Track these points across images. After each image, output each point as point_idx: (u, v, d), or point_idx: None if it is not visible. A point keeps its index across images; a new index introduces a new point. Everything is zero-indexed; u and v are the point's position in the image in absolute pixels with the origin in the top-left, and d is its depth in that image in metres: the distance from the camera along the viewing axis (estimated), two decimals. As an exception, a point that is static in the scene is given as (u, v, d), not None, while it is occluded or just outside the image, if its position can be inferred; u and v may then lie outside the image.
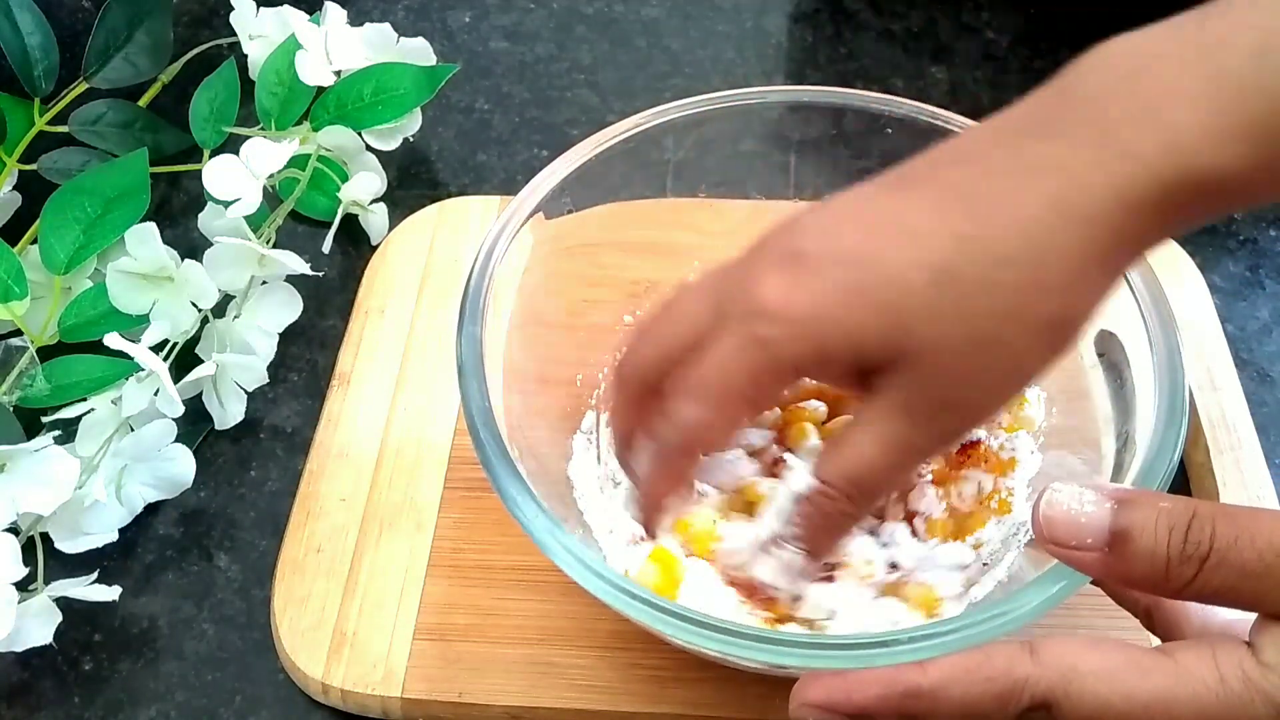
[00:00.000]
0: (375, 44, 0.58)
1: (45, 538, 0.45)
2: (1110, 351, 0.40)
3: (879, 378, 0.33)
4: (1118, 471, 0.37)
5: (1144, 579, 0.29)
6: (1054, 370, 0.43)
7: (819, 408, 0.44)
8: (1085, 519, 0.29)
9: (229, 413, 0.50)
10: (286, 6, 0.58)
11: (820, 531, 0.36)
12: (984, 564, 0.40)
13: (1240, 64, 0.30)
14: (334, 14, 0.57)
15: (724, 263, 0.37)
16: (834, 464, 0.35)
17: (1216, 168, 0.30)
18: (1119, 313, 0.39)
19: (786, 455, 0.42)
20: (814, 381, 0.43)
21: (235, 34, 0.60)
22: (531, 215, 0.43)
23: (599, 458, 0.45)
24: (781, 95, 0.47)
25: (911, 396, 0.33)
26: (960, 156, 0.34)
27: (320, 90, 0.56)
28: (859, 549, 0.39)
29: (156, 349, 0.46)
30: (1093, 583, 0.32)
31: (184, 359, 0.48)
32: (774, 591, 0.38)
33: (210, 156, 0.54)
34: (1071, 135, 0.31)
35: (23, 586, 0.42)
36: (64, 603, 0.43)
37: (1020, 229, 0.31)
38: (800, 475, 0.38)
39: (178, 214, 0.59)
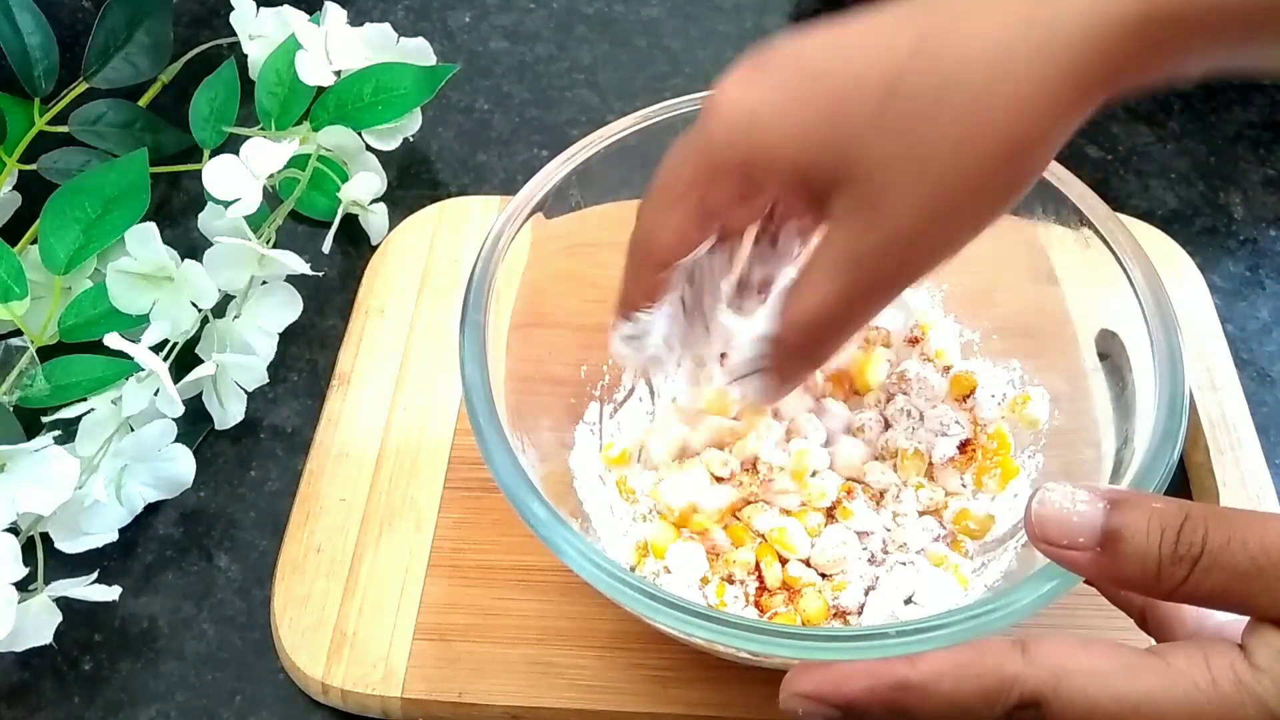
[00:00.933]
0: (375, 44, 0.58)
1: (45, 538, 0.45)
2: (1112, 352, 0.40)
3: (830, 202, 0.33)
4: (1117, 471, 0.37)
5: (1136, 580, 0.29)
6: (1055, 369, 0.43)
7: None
8: (1077, 519, 0.29)
9: (229, 413, 0.50)
10: (286, 6, 0.58)
11: (779, 372, 0.36)
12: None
13: None
14: (334, 14, 0.57)
15: None
16: (790, 311, 0.34)
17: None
18: (1121, 313, 0.39)
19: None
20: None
21: (235, 34, 0.60)
22: (539, 208, 0.43)
23: (600, 445, 0.45)
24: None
25: (857, 230, 0.32)
26: None
27: (320, 90, 0.56)
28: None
29: (156, 349, 0.46)
30: (1086, 582, 0.32)
31: (184, 359, 0.48)
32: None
33: (210, 156, 0.54)
34: None
35: (23, 586, 0.42)
36: (64, 603, 0.43)
37: (979, 44, 0.30)
38: (760, 320, 0.37)
39: (178, 214, 0.59)
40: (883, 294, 0.34)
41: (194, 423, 0.49)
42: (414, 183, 0.60)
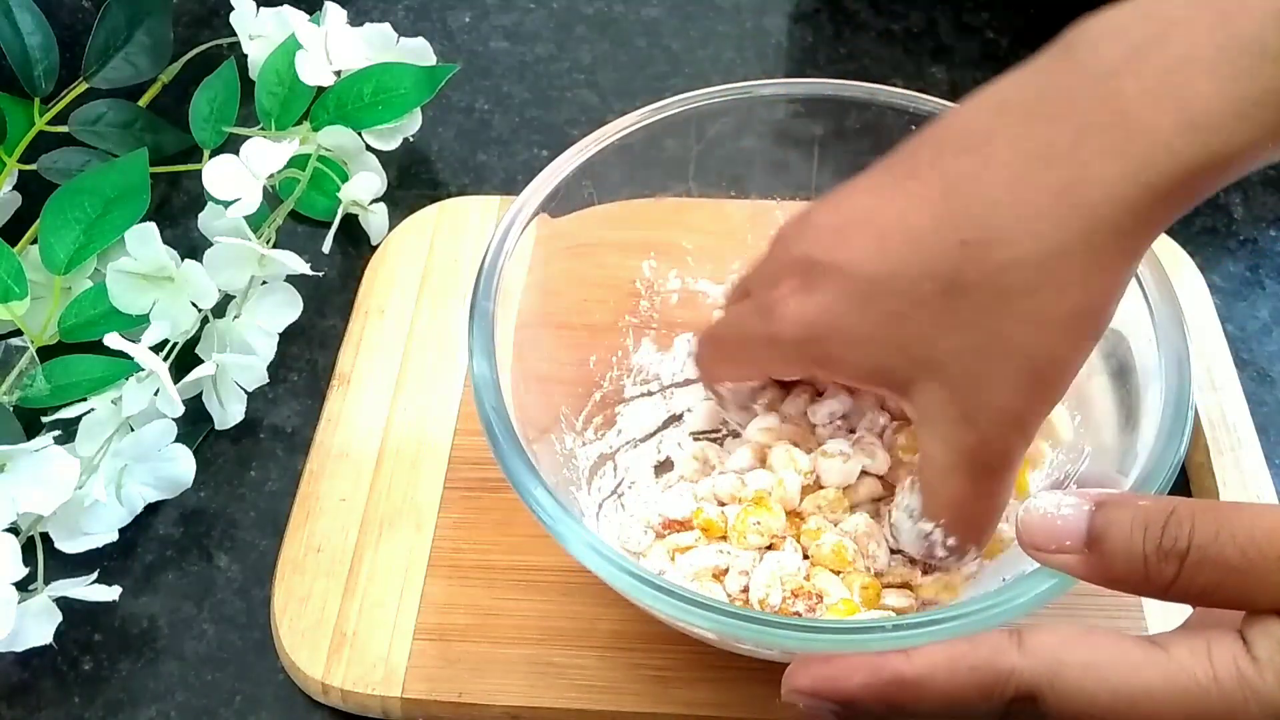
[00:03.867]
0: (375, 44, 0.58)
1: (45, 538, 0.45)
2: (1117, 352, 0.40)
3: (912, 398, 0.34)
4: (1121, 472, 0.37)
5: (1126, 579, 0.29)
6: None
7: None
8: (1061, 522, 0.29)
9: (229, 413, 0.50)
10: (286, 6, 0.58)
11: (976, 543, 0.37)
12: None
13: (1258, 29, 0.29)
14: (334, 14, 0.57)
15: (757, 259, 0.40)
16: (939, 512, 0.36)
17: (1237, 142, 0.29)
18: (1127, 312, 0.39)
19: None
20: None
21: (235, 34, 0.60)
22: (543, 206, 0.43)
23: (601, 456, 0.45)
24: (798, 89, 0.47)
25: (959, 422, 0.33)
26: (964, 142, 0.33)
27: (320, 90, 0.56)
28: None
29: (156, 349, 0.46)
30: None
31: (184, 359, 0.48)
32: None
33: (210, 156, 0.54)
34: (1083, 117, 0.31)
35: (23, 586, 0.42)
36: (64, 603, 0.43)
37: (1026, 227, 0.31)
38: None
39: (178, 214, 0.59)
40: (1011, 465, 0.35)
41: (194, 423, 0.49)
42: (414, 183, 0.60)
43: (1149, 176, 0.30)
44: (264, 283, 0.51)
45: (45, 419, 0.46)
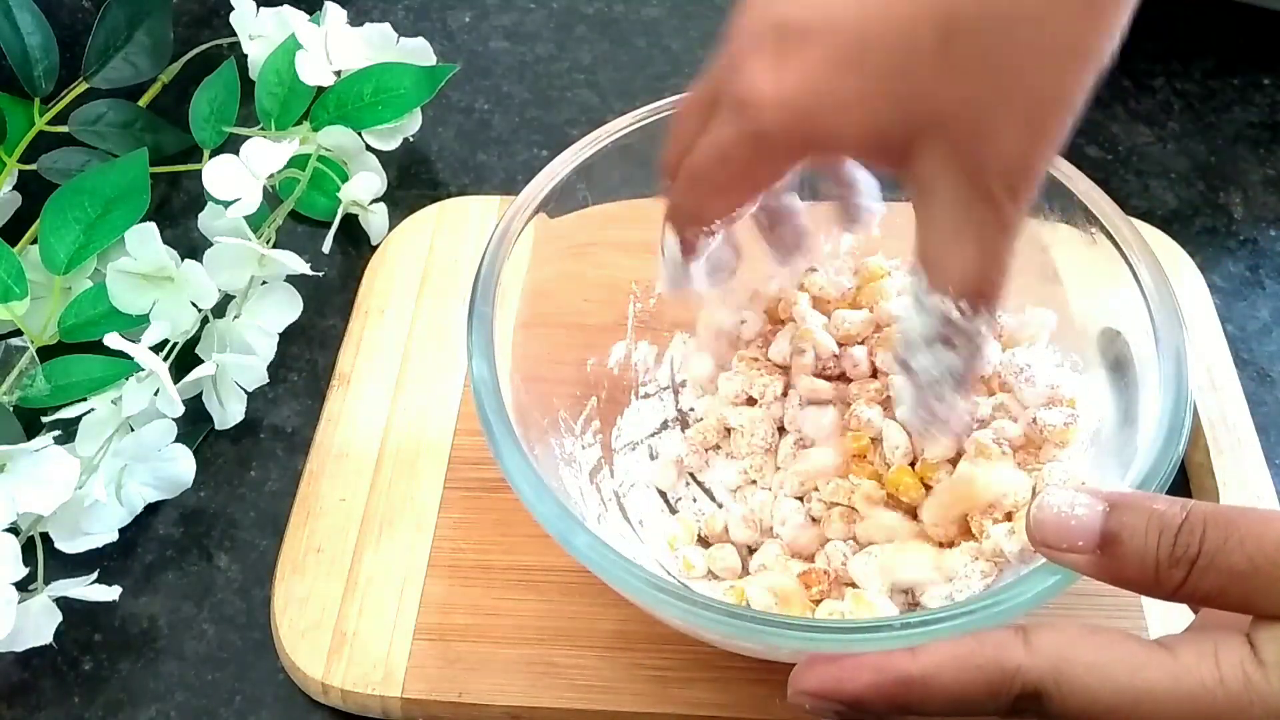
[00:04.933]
0: (375, 44, 0.58)
1: (45, 538, 0.45)
2: (1116, 350, 0.40)
3: (916, 156, 0.32)
4: (1121, 469, 0.37)
5: (1136, 581, 0.29)
6: (1059, 368, 0.43)
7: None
8: (1075, 522, 0.29)
9: (229, 413, 0.50)
10: (286, 6, 0.58)
11: (973, 355, 0.35)
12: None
13: None
14: (334, 14, 0.57)
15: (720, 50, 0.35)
16: (957, 282, 0.33)
17: None
18: (1126, 311, 0.39)
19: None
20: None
21: (235, 34, 0.60)
22: (542, 206, 0.43)
23: (600, 457, 0.45)
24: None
25: (971, 172, 0.31)
26: None
27: (320, 90, 0.56)
28: None
29: (156, 349, 0.46)
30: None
31: (184, 359, 0.48)
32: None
33: (210, 156, 0.54)
34: None
35: (23, 586, 0.42)
36: (64, 603, 0.43)
37: None
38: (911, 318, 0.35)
39: (178, 214, 0.59)
40: (1021, 216, 0.32)
41: (194, 423, 0.49)
42: (414, 183, 0.60)
43: None
44: (264, 283, 0.51)
45: (45, 419, 0.46)
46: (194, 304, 0.48)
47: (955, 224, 0.32)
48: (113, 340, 0.45)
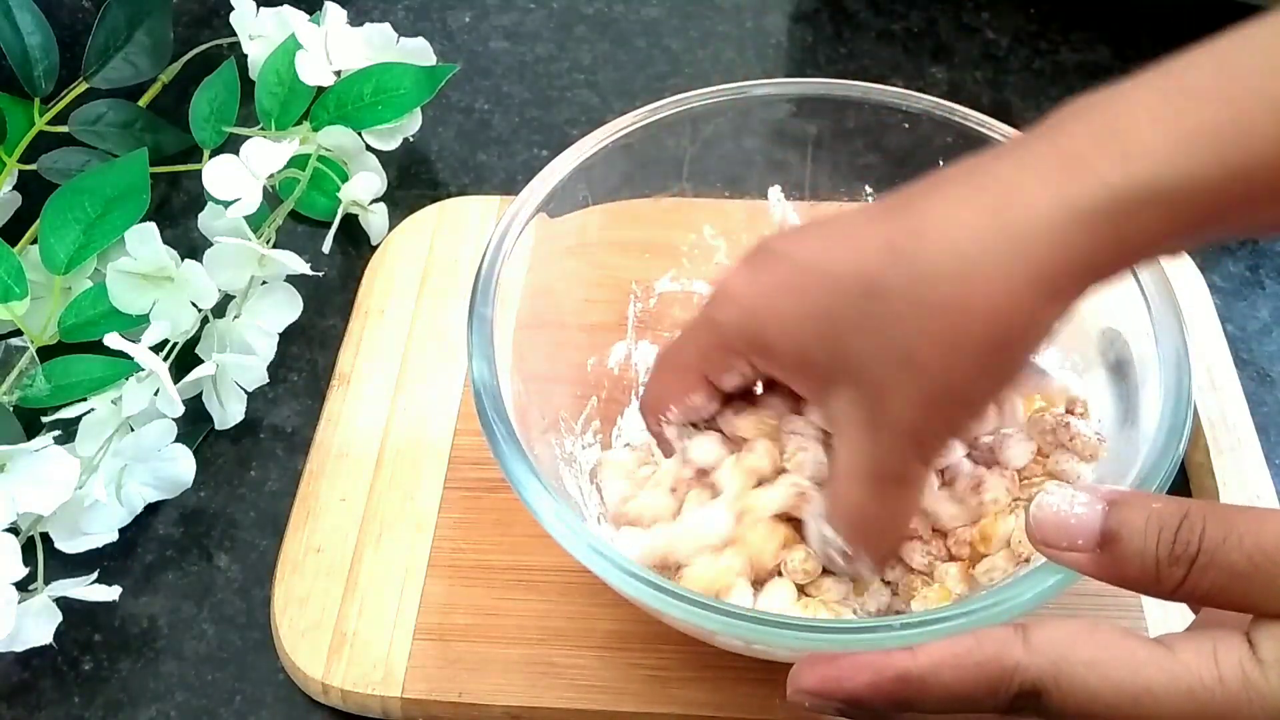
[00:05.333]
0: (375, 44, 0.58)
1: (45, 538, 0.45)
2: (1116, 350, 0.40)
3: (830, 401, 0.35)
4: (1121, 469, 0.37)
5: (1135, 580, 0.29)
6: (1060, 364, 0.43)
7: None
8: (1075, 521, 0.29)
9: (229, 413, 0.50)
10: (286, 6, 0.58)
11: (870, 559, 0.37)
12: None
13: (1202, 77, 0.30)
14: (334, 14, 0.57)
15: None
16: (839, 521, 0.36)
17: (1175, 176, 0.29)
18: (1125, 311, 0.39)
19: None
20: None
21: (235, 34, 0.60)
22: (542, 206, 0.43)
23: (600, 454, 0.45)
24: (794, 88, 0.47)
25: (864, 432, 0.34)
26: (937, 180, 0.34)
27: (320, 90, 0.56)
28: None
29: (156, 349, 0.46)
30: None
31: (184, 359, 0.48)
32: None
33: (210, 156, 0.54)
34: (1027, 153, 0.32)
35: (23, 586, 0.42)
36: (64, 603, 0.43)
37: (951, 244, 0.31)
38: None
39: (178, 214, 0.59)
40: (910, 482, 0.36)
41: (194, 423, 0.49)
42: (414, 183, 0.60)
43: (1078, 204, 0.30)
44: (264, 283, 0.51)
45: (45, 419, 0.46)
46: (194, 304, 0.48)
47: (852, 465, 0.35)
48: (113, 340, 0.45)
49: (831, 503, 0.37)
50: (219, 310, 0.50)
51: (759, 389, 0.41)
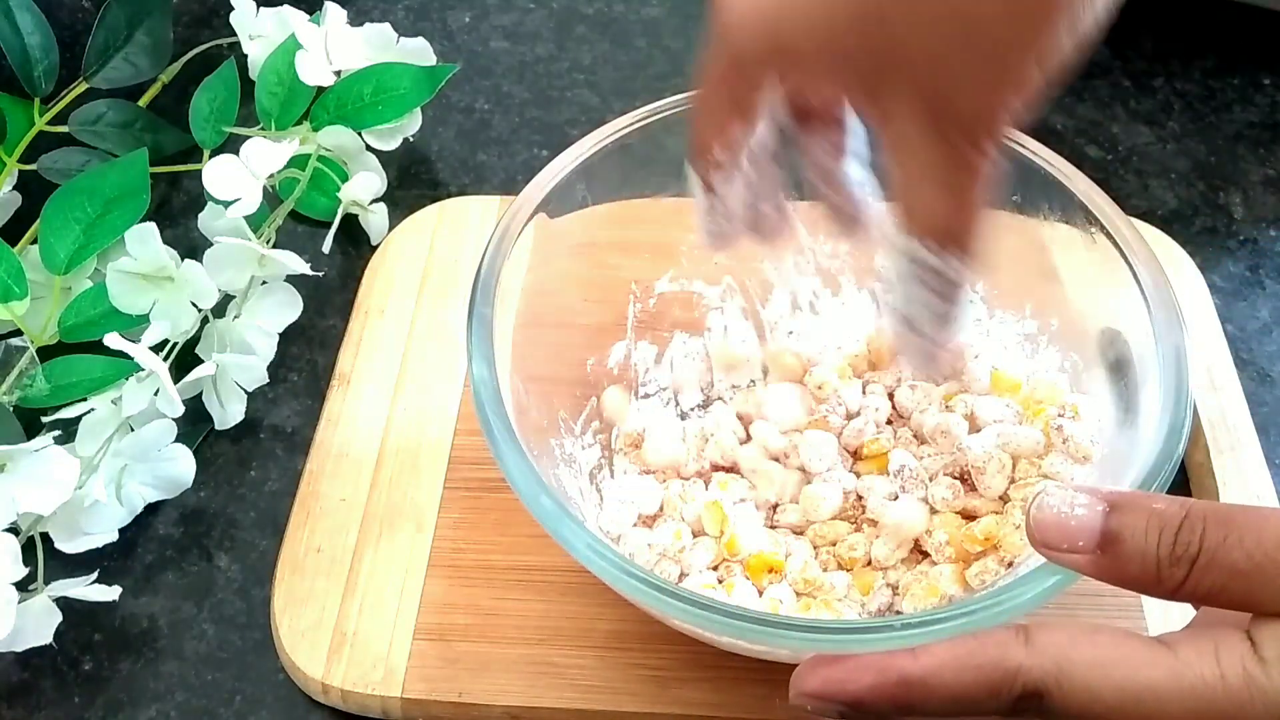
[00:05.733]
0: (375, 44, 0.58)
1: (45, 538, 0.45)
2: (1116, 350, 0.40)
3: (884, 94, 0.32)
4: (1121, 469, 0.37)
5: (1137, 580, 0.29)
6: (1062, 371, 0.43)
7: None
8: (1075, 522, 0.29)
9: (229, 413, 0.50)
10: (286, 6, 0.58)
11: (949, 294, 0.35)
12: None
13: None
14: (334, 14, 0.57)
15: None
16: (922, 228, 0.33)
17: None
18: (1125, 310, 0.39)
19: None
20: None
21: (235, 34, 0.60)
22: (541, 207, 0.43)
23: (600, 458, 0.45)
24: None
25: (928, 117, 0.31)
26: None
27: (320, 90, 0.56)
28: None
29: (156, 349, 0.46)
30: None
31: (184, 359, 0.48)
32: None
33: (210, 156, 0.54)
34: None
35: (23, 586, 0.42)
36: (64, 603, 0.43)
37: None
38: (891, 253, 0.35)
39: (178, 214, 0.59)
40: (984, 168, 0.32)
41: (194, 423, 0.49)
42: (414, 183, 0.60)
43: None
44: (264, 283, 0.51)
45: (45, 419, 0.46)
46: (194, 304, 0.48)
47: (921, 168, 0.32)
48: (113, 340, 0.45)
49: (911, 216, 0.33)
50: (219, 310, 0.50)
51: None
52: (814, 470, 0.43)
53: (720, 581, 0.41)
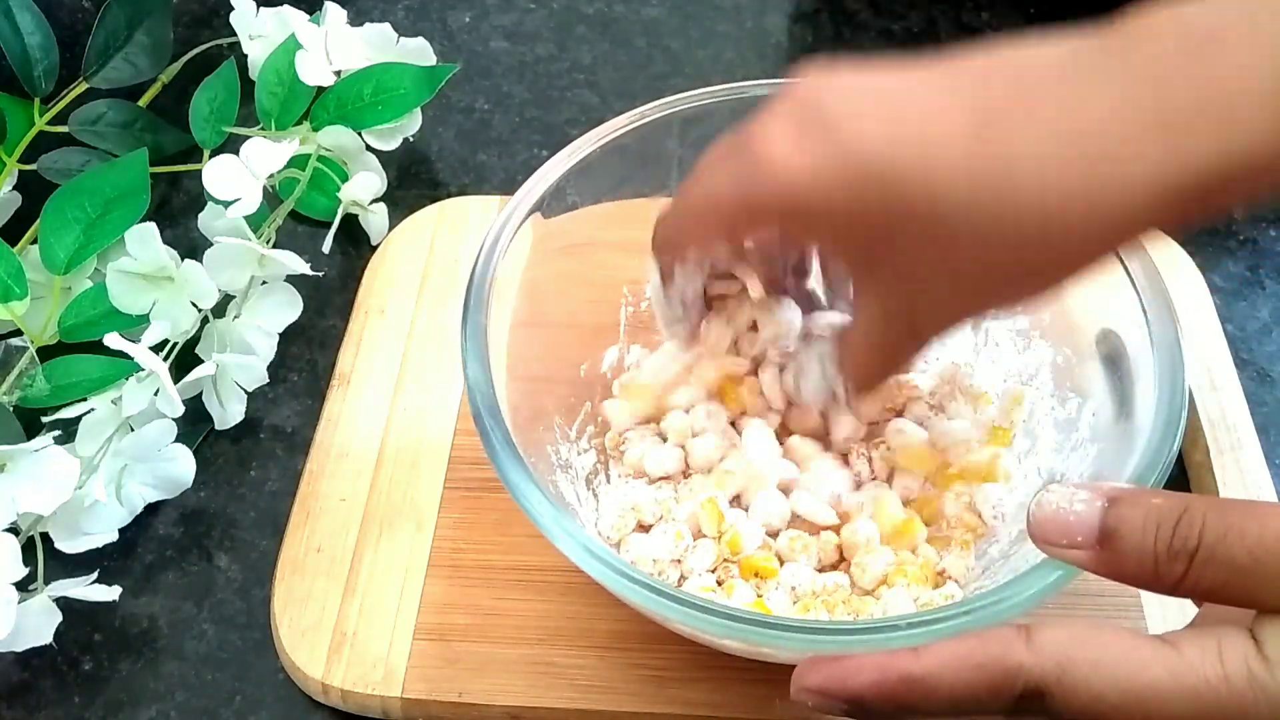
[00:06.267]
0: (375, 44, 0.58)
1: (45, 538, 0.45)
2: (1112, 349, 0.40)
3: (868, 270, 0.35)
4: (1117, 465, 0.37)
5: (1135, 575, 0.29)
6: (1055, 366, 0.43)
7: None
8: (1074, 518, 0.29)
9: (229, 413, 0.50)
10: (286, 6, 0.58)
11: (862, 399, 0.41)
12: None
13: None
14: (334, 14, 0.57)
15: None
16: (847, 368, 0.39)
17: (1269, 150, 0.29)
18: (1121, 310, 0.39)
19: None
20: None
21: (235, 34, 0.60)
22: (537, 207, 0.43)
23: (598, 459, 0.45)
24: (778, 89, 0.46)
25: (892, 305, 0.34)
26: (1003, 71, 0.32)
27: (320, 90, 0.56)
28: None
29: (156, 349, 0.46)
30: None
31: (184, 359, 0.48)
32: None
33: (210, 156, 0.54)
34: (1126, 95, 0.30)
35: (23, 586, 0.42)
36: (64, 603, 0.43)
37: (1038, 197, 0.30)
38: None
39: (178, 214, 0.59)
40: (918, 353, 0.37)
41: (194, 423, 0.49)
42: (414, 183, 0.60)
43: (1175, 179, 0.29)
44: (264, 283, 0.51)
45: (45, 419, 0.46)
46: (194, 304, 0.48)
47: (871, 338, 0.36)
48: (113, 340, 0.45)
49: (845, 355, 0.39)
50: (219, 310, 0.50)
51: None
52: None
53: (720, 584, 0.41)
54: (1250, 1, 0.30)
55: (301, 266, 0.50)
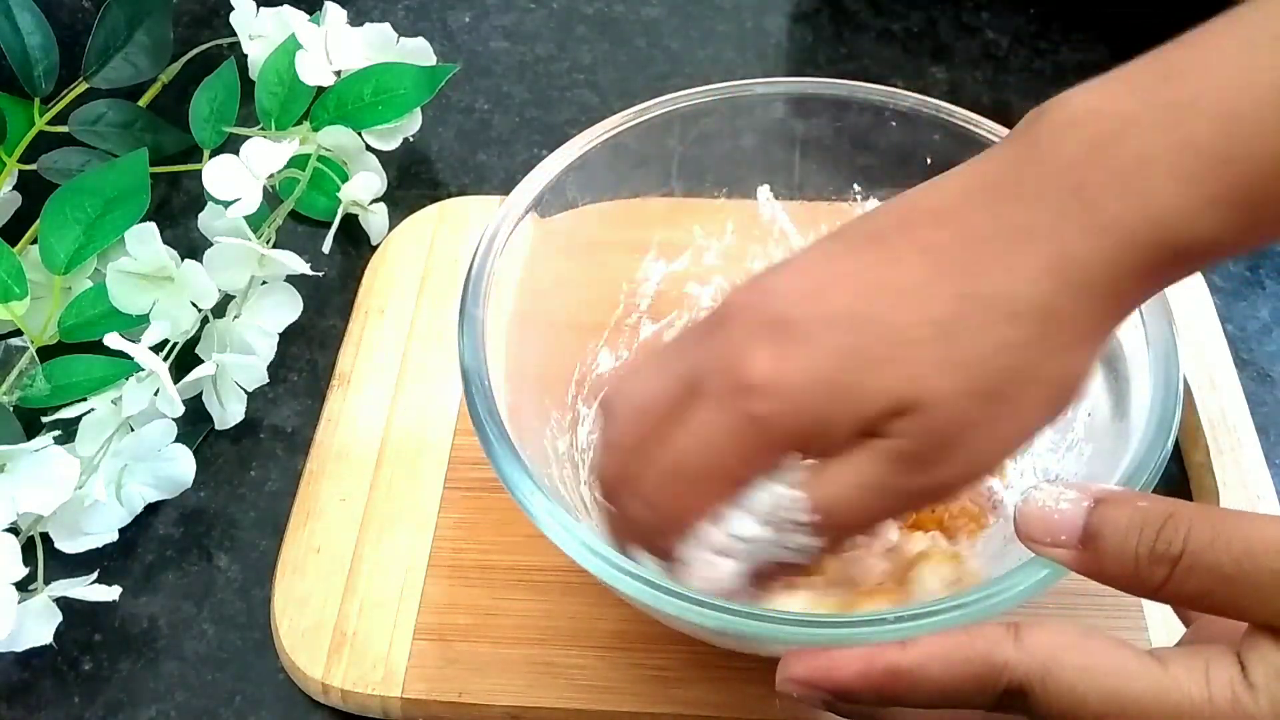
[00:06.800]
0: (375, 44, 0.58)
1: (45, 538, 0.45)
2: (1107, 345, 0.40)
3: (880, 430, 0.32)
4: (1111, 464, 0.37)
5: (1115, 577, 0.29)
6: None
7: None
8: (1059, 516, 0.30)
9: (229, 413, 0.50)
10: (286, 6, 0.58)
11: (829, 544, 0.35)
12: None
13: (1210, 134, 0.29)
14: (334, 14, 0.57)
15: (680, 338, 0.36)
16: (819, 501, 0.33)
17: (1197, 237, 0.30)
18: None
19: None
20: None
21: (235, 34, 0.60)
22: (535, 204, 0.43)
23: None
24: (785, 87, 0.47)
25: (908, 445, 0.32)
26: (933, 217, 0.32)
27: (320, 90, 0.57)
28: None
29: (156, 349, 0.46)
30: None
31: (184, 359, 0.48)
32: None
33: (210, 156, 0.54)
34: (1051, 203, 0.31)
35: (23, 586, 0.42)
36: (64, 603, 0.43)
37: (1023, 291, 0.31)
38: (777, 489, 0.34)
39: (178, 214, 0.59)
40: (920, 498, 0.34)
41: (194, 423, 0.49)
42: (414, 183, 0.60)
43: (1120, 264, 0.30)
44: (264, 283, 0.51)
45: (45, 419, 0.46)
46: (194, 304, 0.48)
47: (859, 483, 0.32)
48: (113, 340, 0.45)
49: (821, 495, 0.33)
50: (219, 310, 0.50)
51: None
52: None
53: None
54: (1145, 85, 0.31)
55: (301, 266, 0.50)
